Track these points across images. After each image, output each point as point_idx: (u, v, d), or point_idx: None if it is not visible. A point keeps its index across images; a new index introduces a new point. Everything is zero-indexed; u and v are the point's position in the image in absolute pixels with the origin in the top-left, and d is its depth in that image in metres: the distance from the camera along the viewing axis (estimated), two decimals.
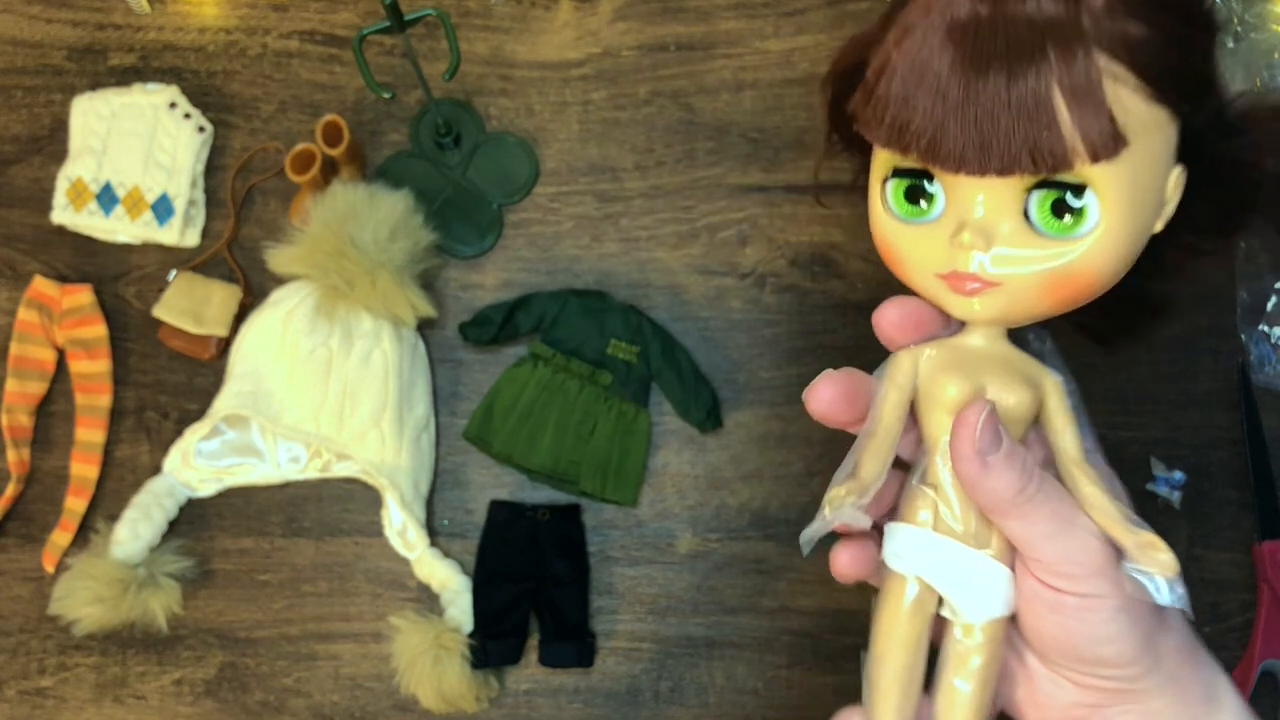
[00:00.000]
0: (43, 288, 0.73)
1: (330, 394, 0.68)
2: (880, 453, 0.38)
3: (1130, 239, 0.36)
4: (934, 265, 0.38)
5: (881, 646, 0.38)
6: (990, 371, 0.38)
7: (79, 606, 0.66)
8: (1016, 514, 0.36)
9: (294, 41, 0.77)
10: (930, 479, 0.38)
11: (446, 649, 0.65)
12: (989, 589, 0.37)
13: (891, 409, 0.38)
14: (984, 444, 0.36)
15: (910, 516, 0.38)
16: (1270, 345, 0.70)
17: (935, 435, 0.38)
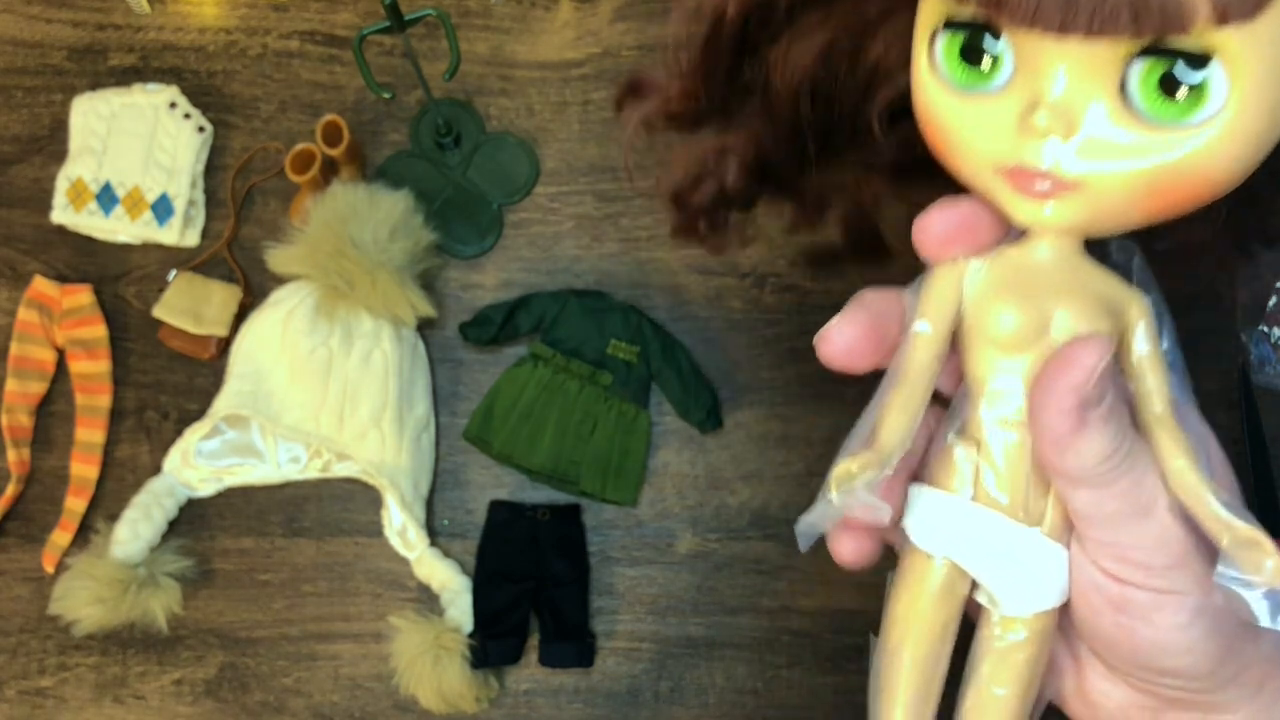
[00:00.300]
0: (43, 288, 0.73)
1: (330, 394, 0.68)
2: (908, 407, 0.30)
3: (1267, 129, 0.26)
4: (994, 155, 0.28)
5: (896, 637, 0.31)
6: (1061, 295, 0.28)
7: (79, 606, 0.66)
8: (1094, 484, 0.28)
9: (294, 41, 0.77)
10: (970, 433, 0.30)
11: (446, 649, 0.65)
12: (1040, 575, 0.30)
13: (925, 346, 0.30)
14: (1092, 395, 0.27)
15: (942, 481, 0.30)
16: (1270, 345, 0.70)
17: (981, 377, 0.29)
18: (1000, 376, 0.29)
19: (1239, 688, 0.32)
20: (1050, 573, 0.30)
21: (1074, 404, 0.27)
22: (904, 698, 0.30)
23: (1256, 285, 0.71)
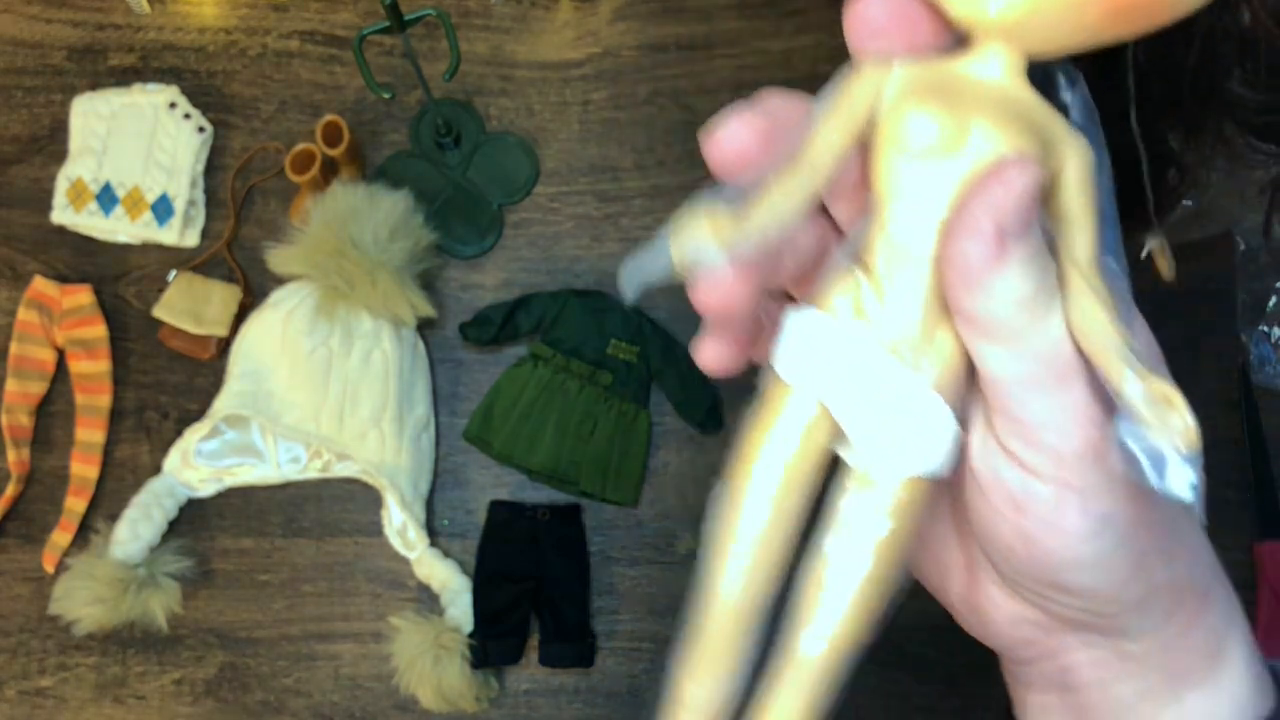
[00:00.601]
0: (43, 288, 0.73)
1: (330, 394, 0.68)
2: (793, 190, 0.25)
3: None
4: None
5: (740, 482, 0.26)
6: (988, 110, 0.25)
7: (79, 606, 0.66)
8: (1008, 335, 0.24)
9: (294, 41, 0.77)
10: (864, 256, 0.26)
11: (446, 649, 0.65)
12: (915, 433, 0.25)
13: (829, 136, 0.25)
14: (1014, 221, 0.23)
15: (825, 304, 0.26)
16: (1270, 345, 0.70)
17: (885, 192, 0.25)
18: (906, 193, 0.25)
19: (1144, 614, 0.28)
20: (927, 432, 0.25)
21: (993, 229, 0.23)
22: (741, 549, 0.26)
23: (1256, 285, 0.71)
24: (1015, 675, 0.32)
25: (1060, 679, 0.30)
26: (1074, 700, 0.30)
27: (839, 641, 0.26)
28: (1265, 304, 0.71)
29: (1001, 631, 0.30)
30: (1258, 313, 0.71)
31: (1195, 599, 0.29)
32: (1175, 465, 0.24)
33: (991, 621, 0.30)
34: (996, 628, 0.30)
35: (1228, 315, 0.71)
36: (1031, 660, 0.31)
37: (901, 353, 0.25)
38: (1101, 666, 0.29)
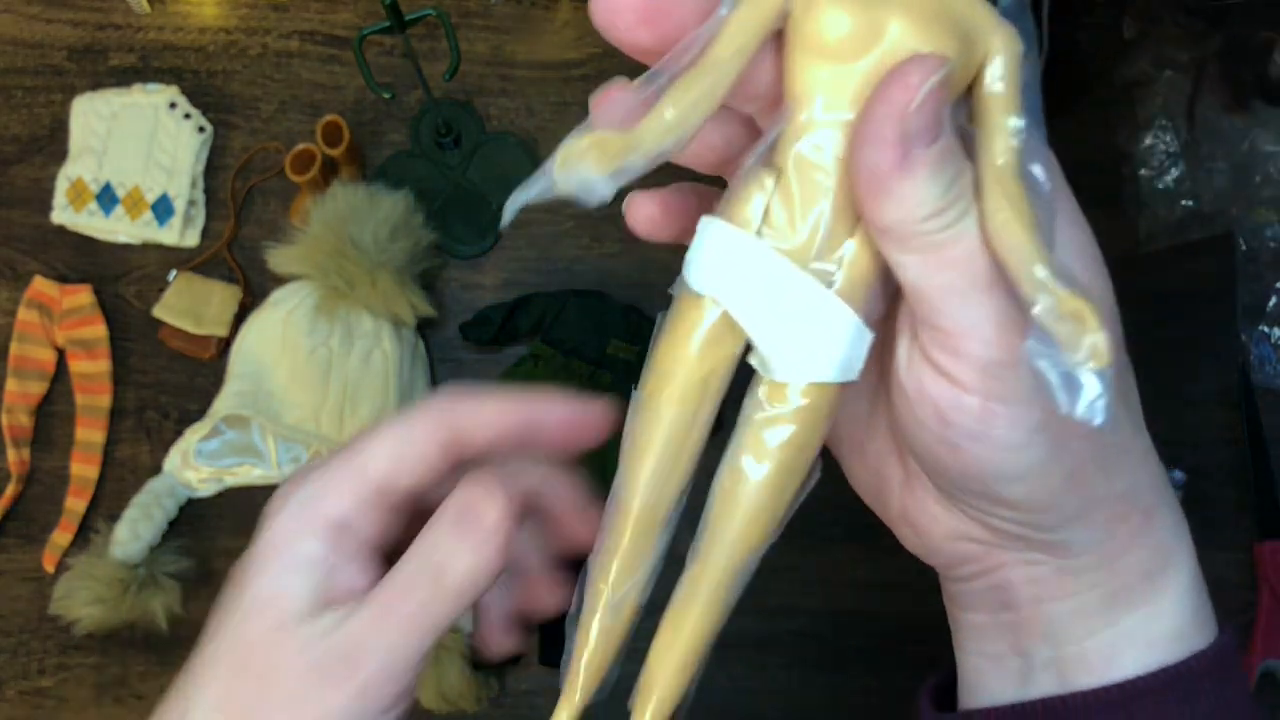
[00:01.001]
0: (43, 288, 0.73)
1: (330, 394, 0.68)
2: (691, 97, 0.24)
3: None
4: None
5: (652, 386, 0.26)
6: (905, 6, 0.23)
7: (79, 606, 0.66)
8: (924, 244, 0.24)
9: (294, 41, 0.77)
10: (774, 159, 0.25)
11: (446, 649, 0.65)
12: (820, 339, 0.25)
13: (733, 35, 0.24)
14: (917, 125, 0.22)
15: (731, 212, 0.25)
16: (1270, 345, 0.70)
17: (799, 91, 0.24)
18: (817, 95, 0.24)
19: (1085, 527, 0.28)
20: (832, 338, 0.25)
21: (895, 135, 0.23)
22: (653, 454, 0.27)
23: (1256, 285, 0.71)
24: (953, 595, 0.32)
25: (997, 597, 0.30)
26: (1008, 618, 0.30)
27: (742, 542, 0.28)
28: (1265, 304, 0.71)
29: (940, 547, 0.30)
30: (1258, 313, 0.71)
31: (1139, 516, 0.29)
32: (1085, 385, 0.22)
33: (930, 537, 0.30)
34: (935, 543, 0.30)
35: (1228, 315, 0.71)
36: (969, 577, 0.30)
37: (809, 261, 0.24)
38: (1038, 584, 0.29)
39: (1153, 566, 0.29)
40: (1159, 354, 0.71)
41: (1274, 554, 0.67)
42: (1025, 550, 0.28)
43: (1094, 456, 0.27)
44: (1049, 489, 0.26)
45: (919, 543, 0.31)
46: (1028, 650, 0.30)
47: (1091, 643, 0.29)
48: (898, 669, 0.68)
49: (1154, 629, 0.29)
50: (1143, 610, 0.29)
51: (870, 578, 0.69)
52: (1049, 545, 0.28)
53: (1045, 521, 0.27)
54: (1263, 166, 0.70)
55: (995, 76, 0.24)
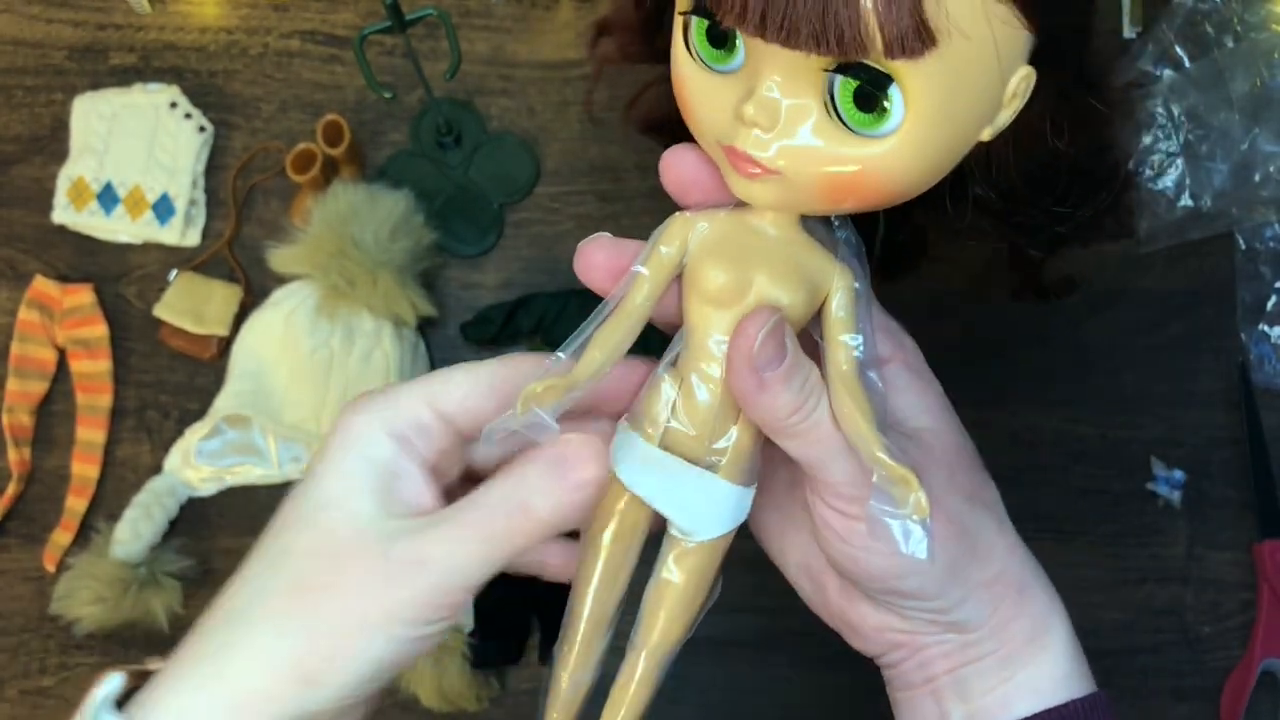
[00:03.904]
0: (43, 287, 0.73)
1: (331, 394, 0.68)
2: (613, 339, 0.33)
3: (936, 150, 0.31)
4: (716, 130, 0.32)
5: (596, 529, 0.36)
6: (765, 262, 0.33)
7: (80, 606, 0.66)
8: (794, 434, 0.33)
9: (295, 41, 0.77)
10: (678, 369, 0.34)
11: (447, 648, 0.65)
12: (712, 510, 0.35)
13: (640, 289, 0.33)
14: (762, 359, 0.31)
15: (647, 407, 0.34)
16: (1270, 345, 0.70)
17: (693, 324, 0.34)
18: (707, 329, 0.33)
19: (974, 607, 0.36)
20: (720, 507, 0.35)
21: (748, 367, 0.31)
22: (596, 577, 0.36)
23: (1256, 285, 0.71)
24: (890, 680, 0.40)
25: (921, 673, 0.38)
26: (931, 687, 0.38)
27: (666, 636, 0.38)
28: (1265, 304, 0.71)
29: (873, 638, 0.39)
30: (1258, 313, 0.71)
31: (1014, 593, 0.37)
32: (913, 532, 0.32)
33: (863, 630, 0.39)
34: (869, 635, 0.39)
35: (1228, 315, 0.71)
36: (899, 661, 0.39)
37: (701, 440, 0.34)
38: (949, 657, 0.37)
39: (1034, 633, 0.37)
40: (1159, 354, 0.71)
41: (1274, 554, 0.67)
42: (935, 632, 0.37)
43: (969, 551, 0.36)
44: (935, 580, 0.35)
45: (856, 637, 0.40)
46: (947, 710, 0.38)
47: (993, 696, 0.37)
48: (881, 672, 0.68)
49: (1040, 681, 0.37)
50: (1030, 667, 0.37)
51: None
52: (950, 625, 0.36)
53: (939, 605, 0.36)
54: (1263, 166, 0.70)
55: (836, 306, 0.34)
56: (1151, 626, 0.68)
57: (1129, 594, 0.69)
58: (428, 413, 0.35)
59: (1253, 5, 0.72)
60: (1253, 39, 0.71)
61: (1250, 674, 0.66)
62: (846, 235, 0.35)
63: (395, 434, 0.34)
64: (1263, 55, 0.71)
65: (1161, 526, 0.69)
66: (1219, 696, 0.67)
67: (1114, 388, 0.71)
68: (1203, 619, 0.68)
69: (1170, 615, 0.68)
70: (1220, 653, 0.68)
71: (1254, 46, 0.71)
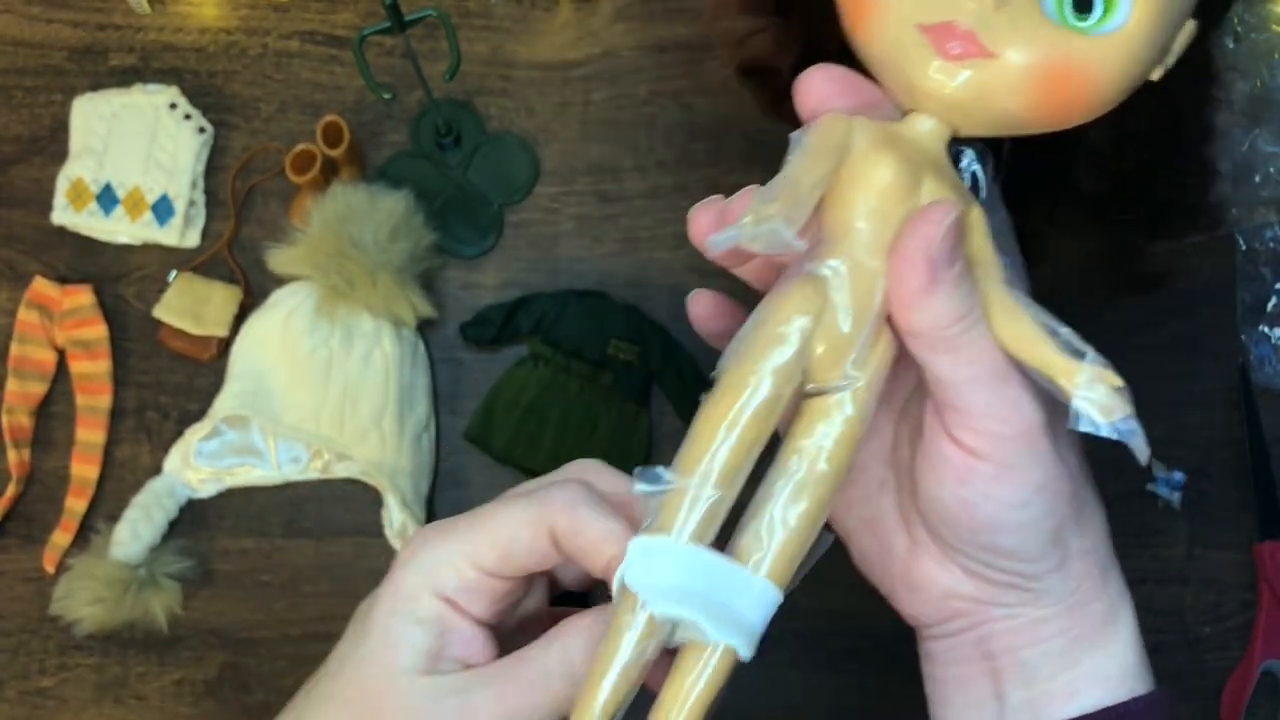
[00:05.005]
0: (43, 288, 0.73)
1: (331, 394, 0.68)
2: (815, 172, 0.31)
3: (1143, 57, 0.31)
4: (923, 11, 0.30)
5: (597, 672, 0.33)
6: (931, 169, 0.31)
7: (79, 607, 0.66)
8: (949, 345, 0.30)
9: (294, 42, 0.77)
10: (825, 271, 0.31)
11: None
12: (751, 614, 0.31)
13: (811, 173, 0.31)
14: (942, 252, 0.29)
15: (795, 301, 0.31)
16: (1270, 345, 0.70)
17: (848, 221, 0.31)
18: (865, 225, 0.31)
19: (1060, 577, 0.34)
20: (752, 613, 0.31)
21: (925, 260, 0.29)
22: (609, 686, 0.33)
23: (1256, 285, 0.71)
24: (934, 655, 0.38)
25: (978, 649, 0.35)
26: (988, 666, 0.35)
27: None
28: (1265, 304, 0.71)
29: (936, 604, 0.36)
30: (1258, 313, 0.71)
31: (1099, 571, 0.35)
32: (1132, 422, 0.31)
33: (928, 596, 0.36)
34: (932, 602, 0.36)
35: (1228, 315, 0.71)
36: (955, 633, 0.36)
37: (836, 366, 0.31)
38: (1015, 634, 0.35)
39: (1107, 617, 0.35)
40: (1159, 354, 0.71)
41: (1274, 554, 0.67)
42: (1010, 602, 0.34)
43: (1072, 515, 0.34)
44: (1039, 540, 0.33)
45: (917, 603, 0.37)
46: (1004, 694, 0.35)
47: (1057, 682, 0.35)
48: (896, 669, 0.68)
49: (1107, 670, 0.35)
50: (1099, 654, 0.35)
51: None
52: (1029, 595, 0.34)
53: (1031, 570, 0.33)
54: (1263, 166, 0.70)
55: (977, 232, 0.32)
56: (1151, 627, 0.68)
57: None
58: (472, 573, 0.35)
59: (1253, 5, 0.72)
60: (1253, 39, 0.71)
61: (1250, 674, 0.66)
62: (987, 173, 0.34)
63: (439, 599, 0.35)
64: (1263, 56, 0.71)
65: (1161, 527, 0.69)
66: (1219, 697, 0.67)
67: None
68: (1203, 619, 0.68)
69: (1170, 615, 0.68)
70: (1220, 653, 0.68)
71: (1254, 47, 0.71)
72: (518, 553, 0.34)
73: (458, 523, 0.36)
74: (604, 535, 0.33)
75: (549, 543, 0.34)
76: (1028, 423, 0.31)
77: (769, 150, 0.79)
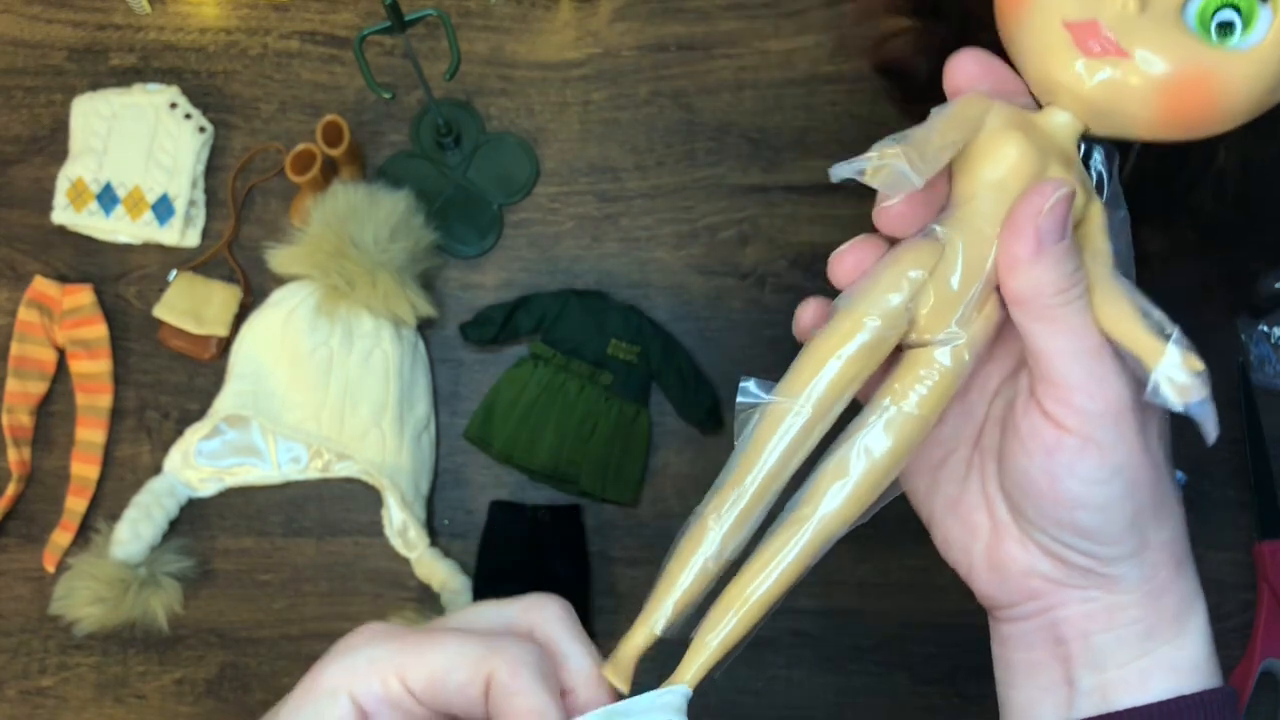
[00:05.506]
0: (43, 288, 0.73)
1: (331, 394, 0.68)
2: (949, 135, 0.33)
3: (1269, 84, 0.33)
4: (1070, 8, 0.33)
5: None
6: (1058, 158, 0.34)
7: (80, 606, 0.66)
8: (1049, 316, 0.32)
9: (294, 42, 0.77)
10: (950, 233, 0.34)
11: None
12: None
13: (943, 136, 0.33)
14: (1048, 224, 0.32)
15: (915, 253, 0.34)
16: (1270, 345, 0.70)
17: (971, 193, 0.34)
18: (988, 194, 0.34)
19: (1137, 565, 0.35)
20: None
21: (1033, 229, 0.32)
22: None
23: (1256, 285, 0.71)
24: (1007, 638, 0.38)
25: (1050, 634, 0.36)
26: (1060, 651, 0.36)
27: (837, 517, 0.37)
28: None
29: (1015, 583, 0.36)
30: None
31: (1174, 564, 0.36)
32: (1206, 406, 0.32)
33: (1009, 575, 0.36)
34: (1012, 581, 0.36)
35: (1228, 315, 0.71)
36: (1029, 615, 0.37)
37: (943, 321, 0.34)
38: (1090, 619, 0.35)
39: (1180, 610, 0.36)
40: None
41: (1274, 554, 0.67)
42: (1083, 587, 0.35)
43: (1151, 503, 0.34)
44: (1118, 523, 0.34)
45: (997, 582, 0.37)
46: (1075, 679, 0.36)
47: (1129, 670, 0.35)
48: (898, 669, 0.68)
49: (1180, 661, 0.35)
50: (1172, 644, 0.35)
51: (870, 578, 0.69)
52: (1105, 579, 0.35)
53: (1109, 553, 0.34)
54: None
55: (1094, 224, 0.34)
56: None
57: None
58: (396, 687, 0.32)
59: None
60: None
61: (1250, 674, 0.66)
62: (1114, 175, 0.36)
63: (358, 701, 0.32)
64: None
65: None
66: None
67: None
68: None
69: None
70: (1220, 653, 0.67)
71: None
72: (448, 685, 0.32)
73: (406, 634, 0.33)
74: (536, 710, 0.32)
75: (481, 690, 0.32)
76: (1117, 401, 0.32)
77: (768, 150, 0.80)
